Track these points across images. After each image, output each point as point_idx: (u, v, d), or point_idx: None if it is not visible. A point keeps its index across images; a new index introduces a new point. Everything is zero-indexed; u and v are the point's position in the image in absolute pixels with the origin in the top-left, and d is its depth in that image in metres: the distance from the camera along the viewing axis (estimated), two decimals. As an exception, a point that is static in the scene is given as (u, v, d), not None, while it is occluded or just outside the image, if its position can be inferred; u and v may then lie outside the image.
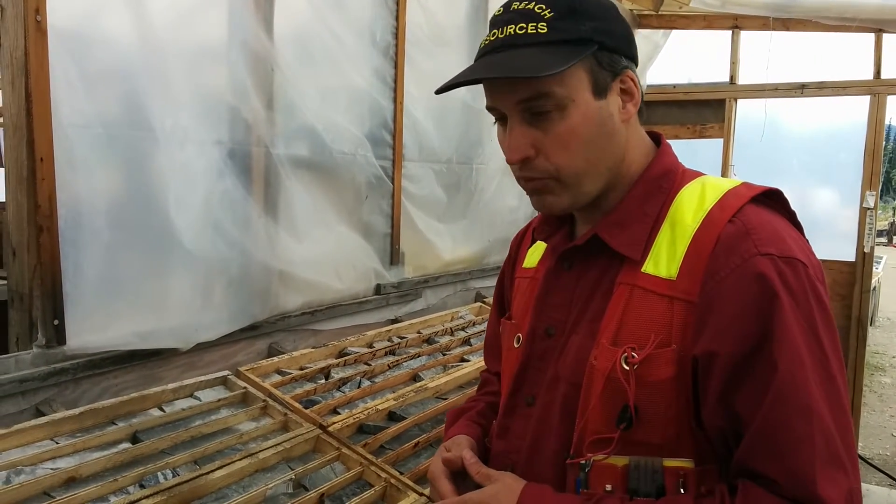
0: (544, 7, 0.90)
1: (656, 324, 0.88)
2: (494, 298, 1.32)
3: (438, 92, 0.98)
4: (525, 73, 0.88)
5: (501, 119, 0.97)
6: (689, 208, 0.93)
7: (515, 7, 0.92)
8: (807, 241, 0.92)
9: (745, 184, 0.95)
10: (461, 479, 1.04)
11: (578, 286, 1.00)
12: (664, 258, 0.91)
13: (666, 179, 0.99)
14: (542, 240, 1.11)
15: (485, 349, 1.38)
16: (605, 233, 0.97)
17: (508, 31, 0.91)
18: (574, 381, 0.94)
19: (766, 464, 0.82)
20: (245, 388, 2.15)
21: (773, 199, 0.94)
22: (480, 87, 0.96)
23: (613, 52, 0.94)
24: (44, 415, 1.78)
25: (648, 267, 0.92)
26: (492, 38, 0.93)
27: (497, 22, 0.93)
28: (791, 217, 0.95)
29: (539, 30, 0.90)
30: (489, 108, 0.97)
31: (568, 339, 0.99)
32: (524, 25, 0.90)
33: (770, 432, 0.81)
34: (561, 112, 0.91)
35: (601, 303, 0.95)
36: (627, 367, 0.88)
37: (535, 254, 1.16)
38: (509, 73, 0.89)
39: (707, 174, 1.02)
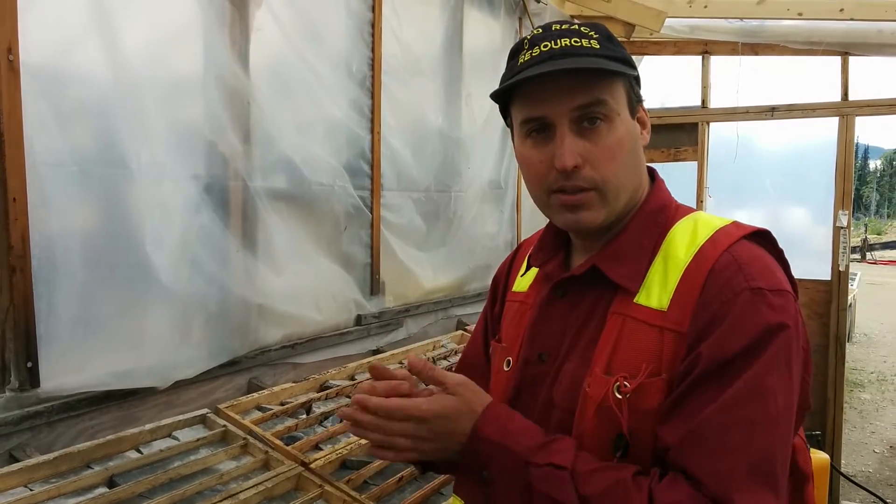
0: (588, 30, 0.96)
1: (647, 353, 0.91)
2: (482, 318, 1.31)
3: (494, 94, 1.00)
4: (612, 67, 0.93)
5: (541, 129, 0.97)
6: (682, 243, 0.96)
7: (559, 28, 0.97)
8: (793, 278, 0.95)
9: (735, 223, 0.99)
10: None
11: (573, 314, 1.02)
12: (656, 290, 0.94)
13: (661, 214, 1.02)
14: (537, 266, 1.13)
15: (462, 366, 1.32)
16: (604, 264, 0.99)
17: (564, 42, 0.94)
18: (568, 408, 0.97)
19: (693, 461, 0.83)
20: (225, 426, 2.11)
21: (762, 238, 0.97)
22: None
23: (637, 82, 1.00)
24: (17, 460, 1.73)
25: (640, 298, 0.94)
26: (544, 49, 0.95)
27: (546, 37, 0.96)
28: (779, 256, 0.98)
29: (593, 45, 0.95)
30: (528, 120, 0.98)
31: (561, 365, 1.00)
32: (578, 40, 0.95)
33: (707, 433, 0.83)
34: (609, 124, 0.95)
35: (595, 332, 0.98)
36: (620, 396, 0.90)
37: (526, 279, 1.18)
38: (601, 66, 0.92)
39: (699, 211, 1.06)
